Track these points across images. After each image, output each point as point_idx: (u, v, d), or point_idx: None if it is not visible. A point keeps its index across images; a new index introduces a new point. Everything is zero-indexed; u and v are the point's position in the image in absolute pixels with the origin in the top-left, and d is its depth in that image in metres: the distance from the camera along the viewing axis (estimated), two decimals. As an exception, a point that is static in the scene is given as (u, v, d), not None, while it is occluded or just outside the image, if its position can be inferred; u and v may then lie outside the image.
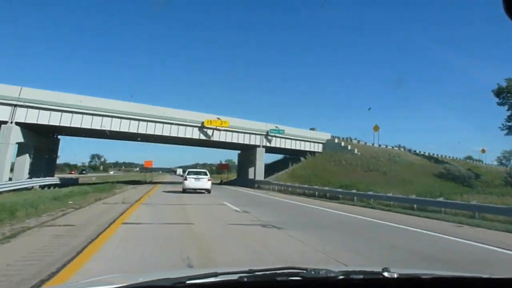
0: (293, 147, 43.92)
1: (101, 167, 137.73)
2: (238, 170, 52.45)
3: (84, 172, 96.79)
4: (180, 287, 1.18)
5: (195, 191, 22.14)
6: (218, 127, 36.57)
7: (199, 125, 35.85)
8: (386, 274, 1.35)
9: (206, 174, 23.21)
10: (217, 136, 37.27)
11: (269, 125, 41.40)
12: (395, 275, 1.35)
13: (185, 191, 22.07)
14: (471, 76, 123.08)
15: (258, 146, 40.80)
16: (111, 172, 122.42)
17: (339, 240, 7.72)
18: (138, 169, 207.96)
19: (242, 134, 39.40)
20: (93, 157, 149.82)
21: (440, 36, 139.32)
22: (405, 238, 8.50)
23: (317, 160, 43.38)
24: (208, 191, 22.25)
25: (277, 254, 6.07)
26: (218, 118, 36.19)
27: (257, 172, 39.79)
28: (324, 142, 47.59)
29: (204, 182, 22.38)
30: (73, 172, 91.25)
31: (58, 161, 65.10)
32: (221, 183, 48.05)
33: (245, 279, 1.25)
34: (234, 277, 1.26)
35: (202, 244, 6.66)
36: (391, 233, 9.23)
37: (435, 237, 8.58)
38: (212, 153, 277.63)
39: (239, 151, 52.09)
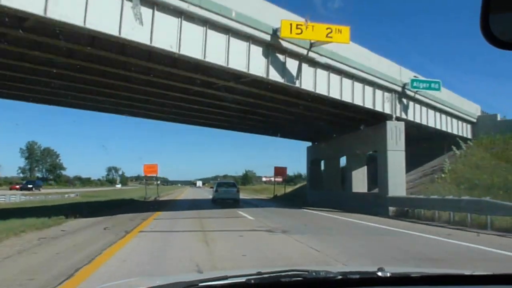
0: (434, 125, 21.09)
1: (118, 180, 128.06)
2: (310, 176, 29.49)
3: (32, 185, 60.80)
4: None
5: (224, 200, 22.89)
6: (315, 52, 14.08)
7: (267, 37, 12.95)
8: (380, 273, 1.45)
9: (235, 186, 25.53)
10: (309, 78, 14.62)
11: (406, 71, 18.52)
12: (388, 274, 1.44)
13: (215, 201, 23.26)
14: None
15: (388, 115, 17.86)
16: (118, 186, 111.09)
17: None
18: (159, 182, 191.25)
19: (349, 83, 16.27)
20: (109, 170, 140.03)
21: None
22: None
23: (476, 152, 21.43)
24: (237, 201, 22.81)
25: None
26: (308, 24, 12.84)
27: (390, 176, 16.95)
28: (474, 120, 24.88)
29: (234, 192, 23.77)
30: (16, 186, 61.71)
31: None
32: (274, 198, 36.23)
33: (252, 281, 1.36)
34: (242, 279, 1.39)
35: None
36: None
37: None
38: (234, 162, 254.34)
39: (309, 143, 29.87)
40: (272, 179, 49.47)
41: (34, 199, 35.41)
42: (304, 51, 13.77)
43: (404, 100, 18.63)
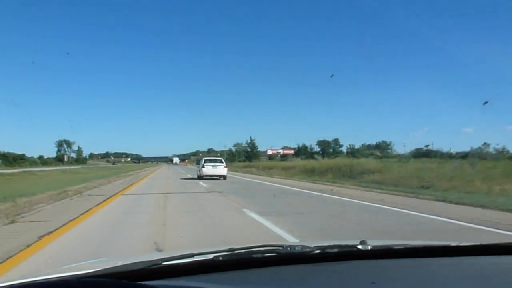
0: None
1: (66, 158, 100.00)
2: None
3: None
4: (156, 269, 1.19)
5: (211, 177, 23.03)
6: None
7: None
8: (360, 246, 1.41)
9: (222, 162, 24.17)
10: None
11: None
12: (369, 247, 1.40)
13: (201, 177, 23.12)
14: None
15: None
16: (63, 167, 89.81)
17: None
18: (129, 159, 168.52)
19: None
20: (60, 144, 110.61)
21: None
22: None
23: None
24: (224, 177, 23.20)
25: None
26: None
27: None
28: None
29: (221, 169, 23.35)
30: None
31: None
32: None
33: (220, 258, 1.27)
34: (210, 256, 1.28)
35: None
36: None
37: None
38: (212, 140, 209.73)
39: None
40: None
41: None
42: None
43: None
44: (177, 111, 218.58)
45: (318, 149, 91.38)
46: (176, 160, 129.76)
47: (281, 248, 1.37)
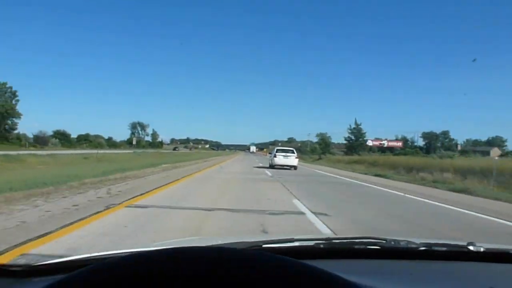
0: None
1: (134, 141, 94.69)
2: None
3: None
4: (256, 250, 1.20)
5: (282, 167, 22.91)
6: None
7: None
8: (471, 248, 1.30)
9: (293, 152, 24.08)
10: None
11: None
12: (482, 249, 1.29)
13: (273, 167, 23.15)
14: None
15: None
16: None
17: None
18: (208, 146, 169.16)
19: None
20: (133, 126, 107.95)
21: None
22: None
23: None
24: (295, 167, 23.01)
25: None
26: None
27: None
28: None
29: (292, 159, 23.27)
30: None
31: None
32: None
33: (322, 245, 1.25)
34: (311, 243, 1.27)
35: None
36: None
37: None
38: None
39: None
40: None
41: None
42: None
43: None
44: (258, 98, 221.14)
45: (422, 143, 76.09)
46: (253, 148, 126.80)
47: (384, 241, 1.32)
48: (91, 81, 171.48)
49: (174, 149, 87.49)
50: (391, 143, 65.88)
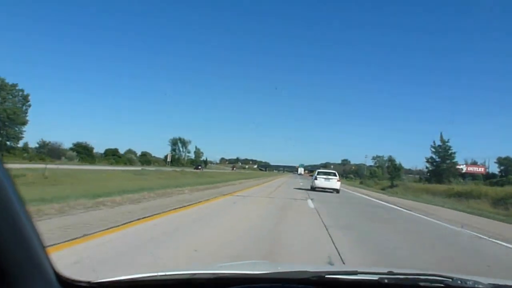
0: None
1: (169, 157, 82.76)
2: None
3: None
4: (319, 281, 1.20)
5: (324, 190, 21.93)
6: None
7: None
8: None
9: (335, 175, 23.15)
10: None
11: None
12: None
13: (314, 189, 22.38)
14: None
15: None
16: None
17: None
18: (256, 166, 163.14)
19: None
20: (174, 142, 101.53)
21: None
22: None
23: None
24: (337, 191, 22.22)
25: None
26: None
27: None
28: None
29: (334, 182, 22.39)
30: None
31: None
32: None
33: (386, 280, 1.23)
34: (375, 277, 1.25)
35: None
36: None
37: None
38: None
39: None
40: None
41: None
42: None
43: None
44: (308, 119, 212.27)
45: (497, 170, 60.38)
46: (301, 170, 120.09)
47: (450, 280, 1.29)
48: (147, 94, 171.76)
49: (197, 167, 69.46)
50: (470, 168, 51.57)
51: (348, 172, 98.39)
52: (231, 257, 4.42)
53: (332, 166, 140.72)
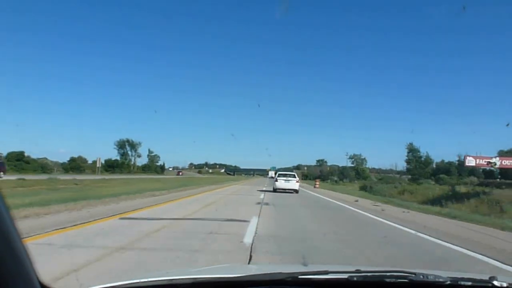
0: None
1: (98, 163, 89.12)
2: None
3: None
4: (292, 281, 1.27)
5: (284, 191, 22.96)
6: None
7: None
8: (495, 282, 1.36)
9: (294, 176, 24.18)
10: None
11: None
12: (505, 284, 1.35)
13: (275, 190, 23.23)
14: None
15: None
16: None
17: None
18: (223, 170, 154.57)
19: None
20: (121, 145, 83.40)
21: None
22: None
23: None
24: (296, 191, 23.21)
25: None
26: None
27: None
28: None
29: (293, 183, 23.34)
30: None
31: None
32: None
33: (355, 278, 1.31)
34: (344, 276, 1.33)
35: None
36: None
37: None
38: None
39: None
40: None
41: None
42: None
43: None
44: (281, 122, 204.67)
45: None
46: (271, 173, 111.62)
47: (413, 275, 1.37)
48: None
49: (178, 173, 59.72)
50: (506, 160, 31.44)
51: (329, 173, 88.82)
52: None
53: (305, 168, 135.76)
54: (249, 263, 4.59)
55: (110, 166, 70.23)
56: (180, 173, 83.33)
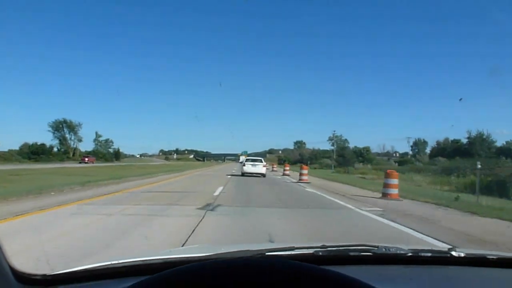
0: None
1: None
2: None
3: None
4: (261, 258, 1.30)
5: (251, 175, 23.86)
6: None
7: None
8: (453, 253, 1.43)
9: (261, 161, 25.35)
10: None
11: None
12: (462, 254, 1.42)
13: (243, 174, 24.32)
14: None
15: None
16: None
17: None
18: (192, 156, 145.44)
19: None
20: (56, 127, 73.66)
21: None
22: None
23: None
24: (263, 175, 24.05)
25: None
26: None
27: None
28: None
29: (260, 167, 24.41)
30: None
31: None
32: None
33: (320, 253, 1.37)
34: (310, 251, 1.39)
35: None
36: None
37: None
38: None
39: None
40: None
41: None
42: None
43: None
44: (252, 106, 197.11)
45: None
46: (242, 159, 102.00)
47: (376, 248, 1.44)
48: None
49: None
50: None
51: (312, 157, 79.24)
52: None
53: (280, 151, 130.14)
54: None
55: (34, 153, 60.26)
56: (87, 160, 59.10)
